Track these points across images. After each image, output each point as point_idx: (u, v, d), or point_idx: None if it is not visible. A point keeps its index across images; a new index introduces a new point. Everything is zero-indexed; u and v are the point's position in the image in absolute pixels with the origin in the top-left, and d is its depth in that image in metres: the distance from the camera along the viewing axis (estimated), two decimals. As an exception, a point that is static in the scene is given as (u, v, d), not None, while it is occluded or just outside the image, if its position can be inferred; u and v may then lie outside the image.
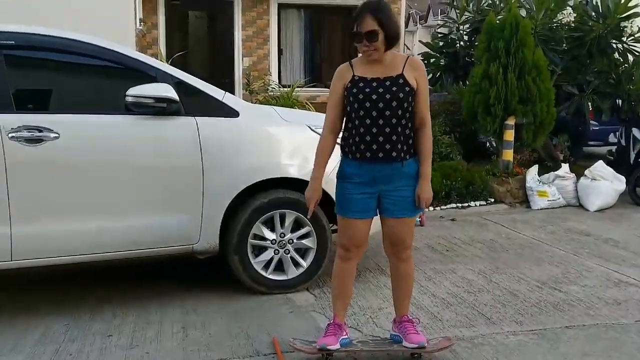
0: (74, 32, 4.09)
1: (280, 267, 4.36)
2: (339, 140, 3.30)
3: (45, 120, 3.79)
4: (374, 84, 3.13)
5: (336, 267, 3.37)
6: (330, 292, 3.60)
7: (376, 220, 3.32)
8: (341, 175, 3.27)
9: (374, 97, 3.12)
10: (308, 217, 3.51)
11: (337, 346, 3.28)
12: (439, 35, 10.98)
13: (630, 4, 8.44)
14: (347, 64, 3.23)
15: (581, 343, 3.58)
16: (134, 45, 8.88)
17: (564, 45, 8.99)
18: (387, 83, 3.13)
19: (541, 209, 7.40)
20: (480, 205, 7.49)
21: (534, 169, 7.81)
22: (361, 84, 3.15)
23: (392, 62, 3.17)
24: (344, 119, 3.26)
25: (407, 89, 3.13)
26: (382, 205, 3.25)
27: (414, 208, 3.24)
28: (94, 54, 4.04)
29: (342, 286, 3.37)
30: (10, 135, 3.69)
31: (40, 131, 3.74)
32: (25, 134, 3.72)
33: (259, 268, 4.30)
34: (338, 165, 3.30)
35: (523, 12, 8.69)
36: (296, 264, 4.37)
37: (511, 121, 7.78)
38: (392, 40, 3.09)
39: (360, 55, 3.20)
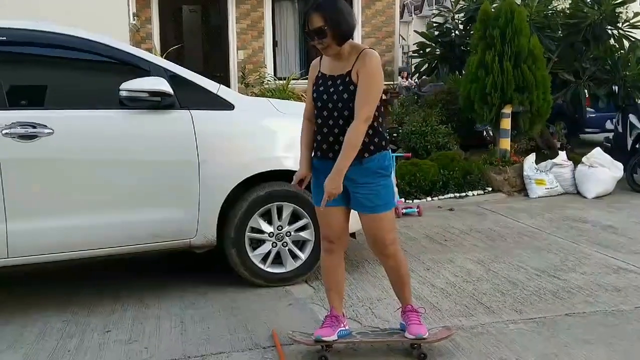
0: (66, 27, 4.06)
1: (278, 260, 4.35)
2: None
3: (39, 116, 3.76)
4: (328, 83, 3.11)
5: (323, 261, 3.36)
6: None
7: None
8: (312, 166, 3.28)
9: (325, 96, 3.10)
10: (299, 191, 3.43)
11: (334, 337, 3.26)
12: (434, 24, 10.93)
13: (625, -10, 8.42)
14: (318, 59, 3.24)
15: (581, 330, 3.58)
16: (128, 40, 8.85)
17: (560, 32, 8.97)
18: (338, 81, 3.09)
19: (539, 197, 7.39)
20: (478, 194, 7.49)
21: (532, 157, 7.79)
22: (320, 82, 3.15)
23: (349, 57, 3.08)
24: None
25: (351, 87, 3.04)
26: (351, 202, 3.21)
27: (385, 204, 3.15)
28: (87, 48, 4.02)
29: (332, 278, 3.35)
30: (4, 131, 3.66)
31: (34, 127, 3.72)
32: (19, 130, 3.69)
33: (256, 261, 4.29)
34: None
35: (518, 0, 8.65)
36: (294, 257, 4.36)
37: (508, 110, 7.77)
38: (342, 36, 3.01)
39: None
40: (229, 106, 4.20)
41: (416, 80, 14.30)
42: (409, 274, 3.42)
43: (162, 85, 3.92)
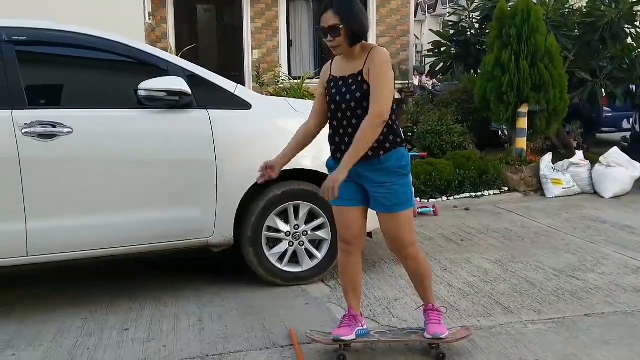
0: (85, 27, 4.08)
1: (295, 259, 4.35)
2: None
3: (58, 115, 3.79)
4: (340, 84, 3.11)
5: (341, 262, 3.34)
6: (344, 284, 3.58)
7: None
8: (327, 165, 3.31)
9: (338, 98, 3.09)
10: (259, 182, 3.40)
11: (352, 337, 3.26)
12: (449, 23, 10.89)
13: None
14: (330, 62, 3.24)
15: (601, 331, 3.55)
16: (144, 39, 8.89)
17: (576, 31, 8.90)
18: (350, 81, 3.08)
19: (556, 196, 7.34)
20: (494, 194, 7.45)
21: (548, 156, 7.74)
22: (332, 84, 3.15)
23: (358, 57, 3.09)
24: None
25: (364, 87, 3.03)
26: (371, 202, 3.21)
27: (404, 203, 3.13)
28: (105, 48, 4.05)
29: (350, 279, 3.34)
30: (24, 130, 3.69)
31: (54, 126, 3.75)
32: (39, 129, 3.72)
33: (273, 260, 4.29)
34: None
35: (534, -1, 8.61)
36: (311, 256, 4.36)
37: (524, 109, 7.72)
38: (355, 36, 3.02)
39: None
40: (246, 105, 4.20)
41: (433, 80, 14.25)
42: (431, 274, 3.40)
43: (180, 84, 3.94)
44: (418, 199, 6.95)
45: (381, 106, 2.97)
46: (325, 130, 3.32)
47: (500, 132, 9.83)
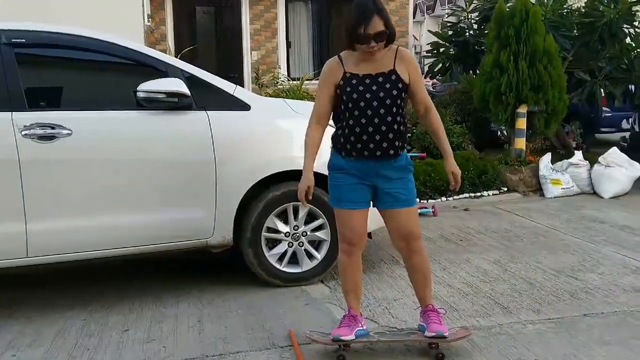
0: (84, 29, 4.09)
1: (294, 260, 4.36)
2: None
3: (57, 117, 3.79)
4: (367, 81, 3.10)
5: (342, 263, 3.35)
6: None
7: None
8: (333, 167, 3.26)
9: (368, 95, 3.08)
10: (304, 203, 3.30)
11: (352, 337, 3.27)
12: (448, 24, 10.90)
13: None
14: (336, 59, 3.19)
15: (600, 331, 3.56)
16: (143, 41, 8.89)
17: (575, 31, 8.91)
18: (380, 79, 3.10)
19: (555, 197, 7.35)
20: (493, 194, 7.47)
21: (547, 157, 7.75)
22: (354, 82, 3.11)
23: (383, 55, 3.12)
24: (333, 113, 3.25)
25: (400, 85, 3.11)
26: (382, 200, 3.22)
27: (414, 197, 3.26)
28: (104, 50, 4.05)
29: (351, 280, 3.35)
30: (23, 132, 3.70)
31: (53, 128, 3.75)
32: (38, 131, 3.73)
33: (273, 261, 4.30)
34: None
35: (533, -1, 8.63)
36: (310, 256, 4.37)
37: (523, 109, 7.74)
38: (393, 37, 3.08)
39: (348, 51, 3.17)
40: (245, 107, 4.21)
41: (433, 80, 14.26)
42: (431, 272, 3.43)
43: (179, 86, 3.94)
44: (417, 199, 6.94)
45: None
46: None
47: (499, 133, 9.84)
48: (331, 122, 3.29)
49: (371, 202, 3.27)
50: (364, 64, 3.12)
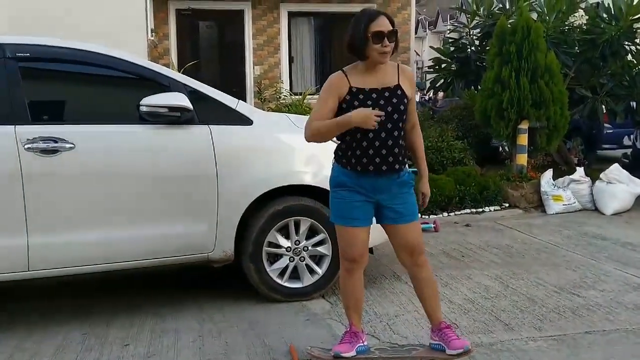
0: (88, 43, 4.12)
1: (295, 275, 4.35)
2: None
3: (60, 131, 3.81)
4: (374, 96, 3.11)
5: (344, 280, 3.33)
6: (346, 300, 3.57)
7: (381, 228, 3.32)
8: (336, 183, 3.23)
9: (377, 109, 3.08)
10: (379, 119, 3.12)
11: (353, 353, 3.25)
12: (450, 40, 10.95)
13: (642, 6, 8.39)
14: (340, 74, 3.17)
15: (602, 348, 3.54)
16: (146, 56, 8.94)
17: (576, 48, 8.94)
18: (386, 94, 3.11)
19: (556, 213, 7.34)
20: (494, 210, 7.45)
21: (549, 173, 7.75)
22: (361, 96, 3.10)
23: (386, 70, 3.16)
24: None
25: (405, 100, 3.15)
26: (385, 215, 3.22)
27: (417, 211, 3.29)
28: (107, 64, 4.07)
29: (352, 296, 3.34)
30: (26, 146, 3.71)
31: (56, 142, 3.76)
32: (41, 144, 3.74)
33: (274, 276, 4.29)
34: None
35: (534, 16, 8.66)
36: (311, 272, 4.36)
37: (525, 125, 7.75)
38: (398, 45, 3.14)
39: (354, 64, 3.19)
40: (247, 121, 4.23)
41: (432, 95, 14.31)
42: None
43: (181, 100, 3.96)
44: (419, 214, 6.93)
45: None
46: (324, 147, 3.33)
47: (500, 148, 9.85)
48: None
49: (374, 219, 3.26)
50: (370, 77, 3.13)
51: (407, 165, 3.24)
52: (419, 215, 3.37)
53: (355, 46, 3.09)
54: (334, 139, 3.26)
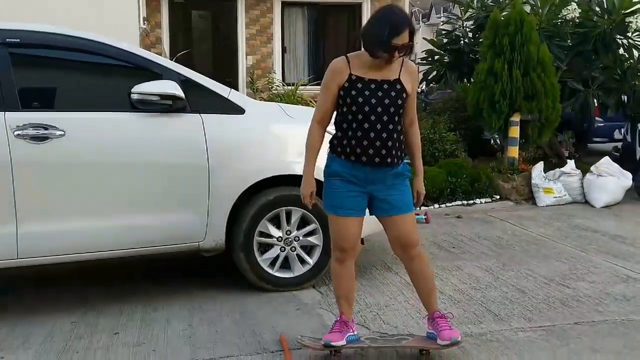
0: (79, 30, 4.08)
1: (286, 265, 4.35)
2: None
3: (50, 118, 3.78)
4: (372, 86, 3.09)
5: (335, 270, 3.34)
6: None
7: (373, 219, 3.31)
8: (330, 172, 3.22)
9: (373, 101, 3.07)
10: (310, 208, 3.45)
11: (343, 342, 3.26)
12: (443, 32, 10.94)
13: (634, 0, 8.41)
14: (343, 60, 3.14)
15: (590, 339, 3.56)
16: (138, 44, 8.89)
17: (569, 41, 8.95)
18: (385, 87, 3.10)
19: (547, 205, 7.37)
20: (485, 202, 7.47)
21: (540, 165, 7.78)
22: (359, 85, 3.08)
23: (391, 64, 3.11)
24: (335, 114, 3.23)
25: (404, 95, 3.13)
26: (379, 207, 3.22)
27: (411, 203, 3.27)
28: (99, 51, 4.03)
29: (343, 287, 3.34)
30: (16, 133, 3.68)
31: (46, 129, 3.74)
32: (31, 131, 3.71)
33: (265, 265, 4.29)
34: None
35: (527, 8, 8.65)
36: (302, 261, 4.36)
37: (516, 118, 7.76)
38: (412, 51, 3.17)
39: (359, 52, 3.16)
40: (239, 110, 4.21)
41: (425, 88, 14.30)
42: None
43: (173, 88, 3.94)
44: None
45: None
46: None
47: (492, 141, 9.87)
48: (329, 128, 3.27)
49: (367, 210, 3.26)
50: (372, 68, 3.10)
51: (402, 160, 3.23)
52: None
53: (369, 45, 3.05)
54: (331, 129, 3.26)
